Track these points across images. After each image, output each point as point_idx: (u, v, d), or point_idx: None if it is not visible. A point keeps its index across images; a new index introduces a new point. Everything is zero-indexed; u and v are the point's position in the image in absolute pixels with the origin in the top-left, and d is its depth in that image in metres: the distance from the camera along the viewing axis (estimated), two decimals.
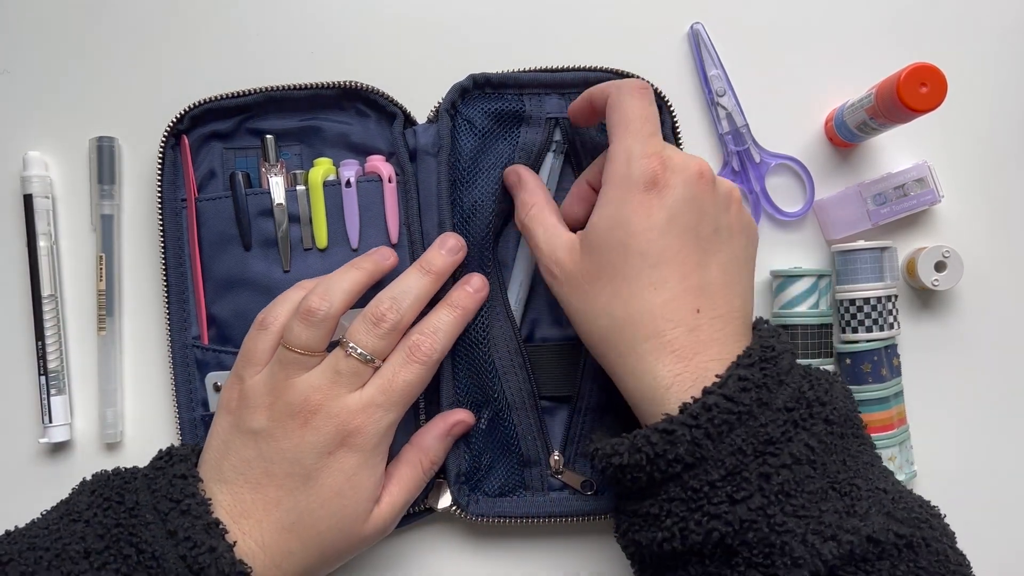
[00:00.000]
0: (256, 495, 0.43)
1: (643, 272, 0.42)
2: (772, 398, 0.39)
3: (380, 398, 0.45)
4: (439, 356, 0.48)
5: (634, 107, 0.44)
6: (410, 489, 0.48)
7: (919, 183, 0.54)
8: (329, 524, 0.44)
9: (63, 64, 0.56)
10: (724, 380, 0.39)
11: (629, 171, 0.42)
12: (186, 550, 0.40)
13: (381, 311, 0.46)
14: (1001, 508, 0.57)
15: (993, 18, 0.58)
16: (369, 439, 0.44)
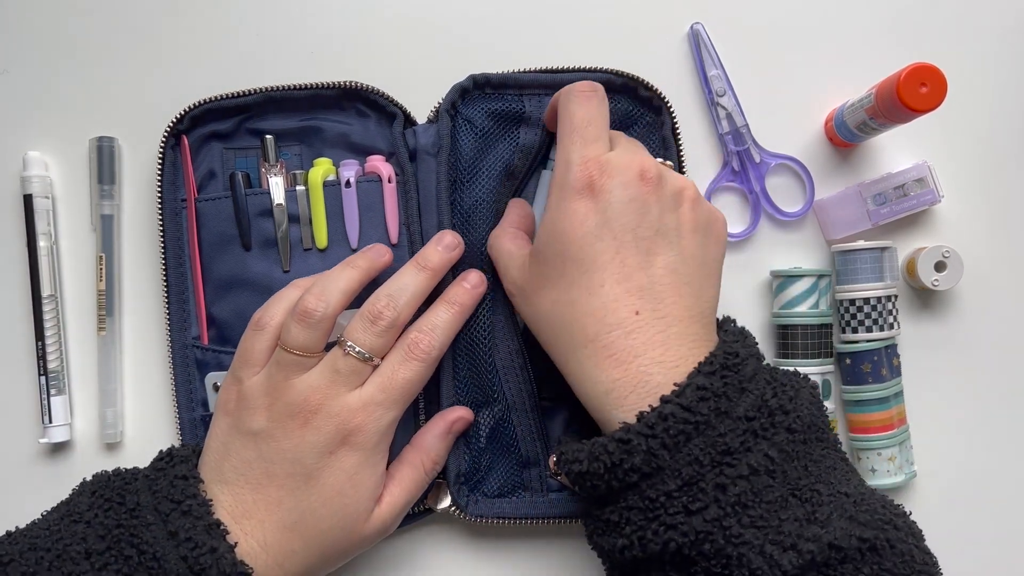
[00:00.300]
0: (257, 495, 0.43)
1: (579, 278, 0.42)
2: (732, 407, 0.38)
3: (380, 396, 0.45)
4: (438, 353, 0.47)
5: (577, 112, 0.44)
6: (411, 490, 0.48)
7: (919, 183, 0.54)
8: (331, 523, 0.44)
9: (63, 64, 0.56)
10: (682, 389, 0.39)
11: (566, 179, 0.43)
12: (187, 551, 0.40)
13: (378, 309, 0.46)
14: (1001, 508, 0.57)
15: (993, 18, 0.58)
16: (370, 437, 0.44)
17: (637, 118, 0.54)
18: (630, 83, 0.53)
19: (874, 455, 0.53)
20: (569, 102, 0.45)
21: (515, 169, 0.53)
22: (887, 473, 0.53)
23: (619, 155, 0.43)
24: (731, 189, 0.57)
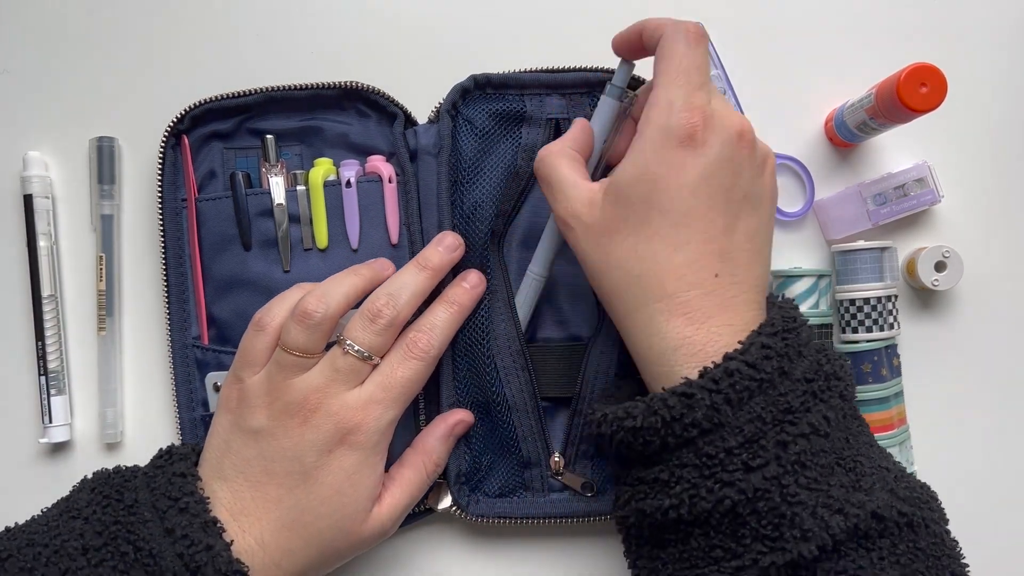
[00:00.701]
0: (256, 493, 0.43)
1: (665, 230, 0.40)
2: (792, 368, 0.39)
3: (379, 395, 0.45)
4: (437, 352, 0.47)
5: (687, 54, 0.42)
6: (412, 492, 0.48)
7: (919, 183, 0.54)
8: (329, 523, 0.44)
9: (63, 64, 0.56)
10: (746, 347, 0.39)
11: (667, 122, 0.41)
12: (183, 548, 0.40)
13: (377, 307, 0.46)
14: (1001, 508, 0.57)
15: (993, 18, 0.58)
16: (369, 437, 0.44)
17: None
18: (631, 83, 0.53)
19: None
20: (677, 41, 0.42)
21: (520, 170, 0.53)
22: None
23: (722, 109, 0.42)
24: None
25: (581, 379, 0.52)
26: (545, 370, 0.53)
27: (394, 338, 0.47)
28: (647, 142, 0.41)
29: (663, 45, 0.42)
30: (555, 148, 0.46)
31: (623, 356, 0.53)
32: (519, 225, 0.55)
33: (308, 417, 0.44)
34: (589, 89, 0.54)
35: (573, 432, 0.53)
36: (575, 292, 0.55)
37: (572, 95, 0.54)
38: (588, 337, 0.54)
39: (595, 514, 0.52)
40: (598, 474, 0.53)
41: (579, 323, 0.55)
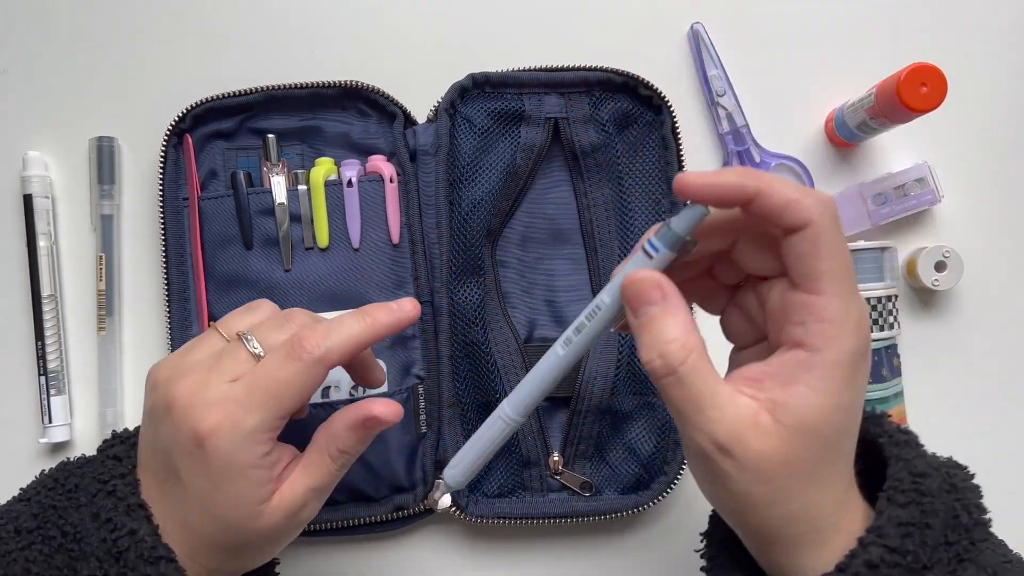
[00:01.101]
0: (154, 482, 0.41)
1: (841, 466, 0.35)
2: (929, 534, 0.35)
3: (242, 394, 0.38)
4: (324, 358, 0.39)
5: (846, 250, 0.34)
6: (315, 475, 0.42)
7: (919, 183, 0.54)
8: (214, 527, 0.39)
9: (63, 64, 0.56)
10: (881, 524, 0.34)
11: (856, 344, 0.34)
12: (107, 532, 0.38)
13: (296, 312, 0.42)
14: (1001, 508, 0.57)
15: (993, 18, 0.58)
16: (224, 444, 0.38)
17: (637, 117, 0.54)
18: (630, 82, 0.53)
19: None
20: (836, 232, 0.34)
21: (519, 169, 0.54)
22: None
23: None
24: None
25: (580, 379, 0.52)
26: None
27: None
28: (835, 368, 0.33)
29: (817, 235, 0.33)
30: (698, 344, 0.35)
31: (622, 356, 0.53)
32: (517, 224, 0.55)
33: (170, 409, 0.39)
34: (588, 88, 0.54)
35: (572, 432, 0.53)
36: (574, 292, 0.55)
37: (570, 94, 0.54)
38: None
39: (593, 514, 0.52)
40: (596, 474, 0.53)
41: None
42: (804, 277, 0.34)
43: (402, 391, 0.52)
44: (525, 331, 0.55)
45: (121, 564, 0.38)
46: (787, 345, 0.34)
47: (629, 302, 0.35)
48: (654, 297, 0.35)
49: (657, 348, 0.34)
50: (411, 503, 0.53)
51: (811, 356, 0.33)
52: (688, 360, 0.34)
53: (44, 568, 0.38)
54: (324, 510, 0.52)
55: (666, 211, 0.54)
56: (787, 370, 0.34)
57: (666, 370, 0.34)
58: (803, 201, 0.33)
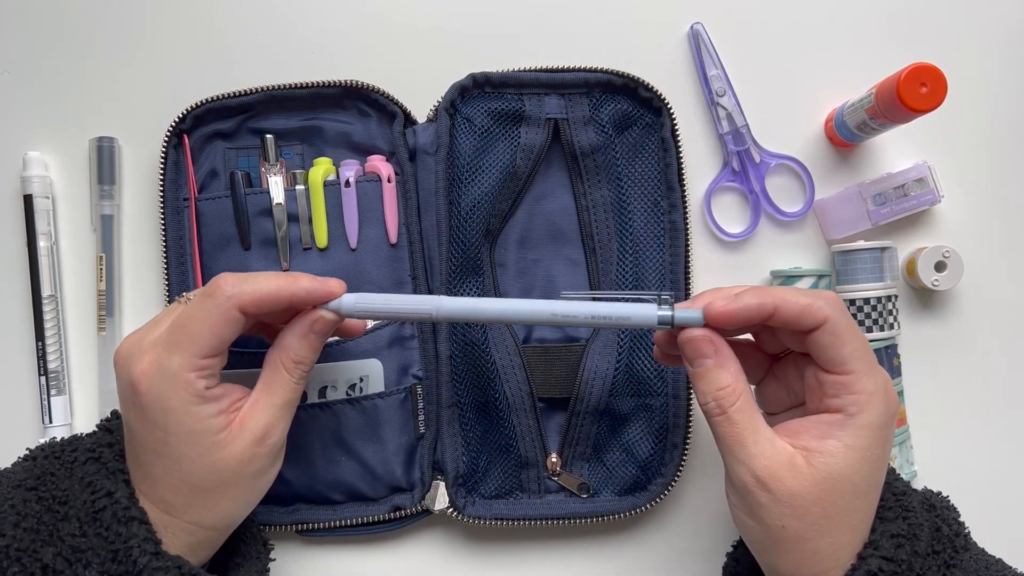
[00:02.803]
0: (127, 449, 0.42)
1: (865, 513, 0.41)
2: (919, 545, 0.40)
3: (165, 336, 0.40)
4: (235, 296, 0.40)
5: (860, 332, 0.41)
6: (276, 392, 0.43)
7: (919, 183, 0.54)
8: (178, 471, 0.40)
9: (63, 64, 0.56)
10: (877, 542, 0.40)
11: (887, 408, 0.40)
12: (88, 495, 0.40)
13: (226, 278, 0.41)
14: (1001, 508, 0.57)
15: (993, 18, 0.58)
16: (154, 386, 0.39)
17: (637, 119, 0.54)
18: (630, 83, 0.53)
19: None
20: (851, 323, 0.40)
21: (518, 170, 0.54)
22: None
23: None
24: (731, 189, 0.57)
25: (579, 380, 0.52)
26: (540, 371, 0.53)
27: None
28: (867, 428, 0.39)
29: (835, 328, 0.39)
30: (746, 390, 0.41)
31: (621, 358, 0.53)
32: (516, 224, 0.55)
33: (115, 367, 0.41)
34: (588, 89, 0.54)
35: (570, 433, 0.53)
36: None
37: (570, 95, 0.54)
38: (586, 338, 0.54)
39: (591, 515, 0.52)
40: (594, 475, 0.53)
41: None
42: (832, 363, 0.40)
43: (400, 391, 0.53)
44: (523, 332, 0.55)
45: (98, 524, 0.39)
46: (827, 412, 0.40)
47: (687, 355, 0.42)
48: (708, 351, 0.41)
49: (712, 393, 0.41)
50: (409, 504, 0.53)
51: (846, 419, 0.39)
52: (737, 403, 0.40)
53: (33, 523, 0.39)
54: (323, 510, 0.52)
55: (665, 212, 0.54)
56: (823, 427, 0.40)
57: (719, 410, 0.41)
58: (816, 303, 0.39)
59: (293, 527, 0.52)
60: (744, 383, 0.41)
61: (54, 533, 0.39)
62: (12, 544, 0.38)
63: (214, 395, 0.41)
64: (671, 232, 0.54)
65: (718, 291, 0.43)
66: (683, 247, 0.54)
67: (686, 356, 0.42)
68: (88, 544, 0.39)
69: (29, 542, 0.39)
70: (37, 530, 0.39)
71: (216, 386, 0.41)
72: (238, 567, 0.45)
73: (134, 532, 0.39)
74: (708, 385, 0.41)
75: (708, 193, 0.56)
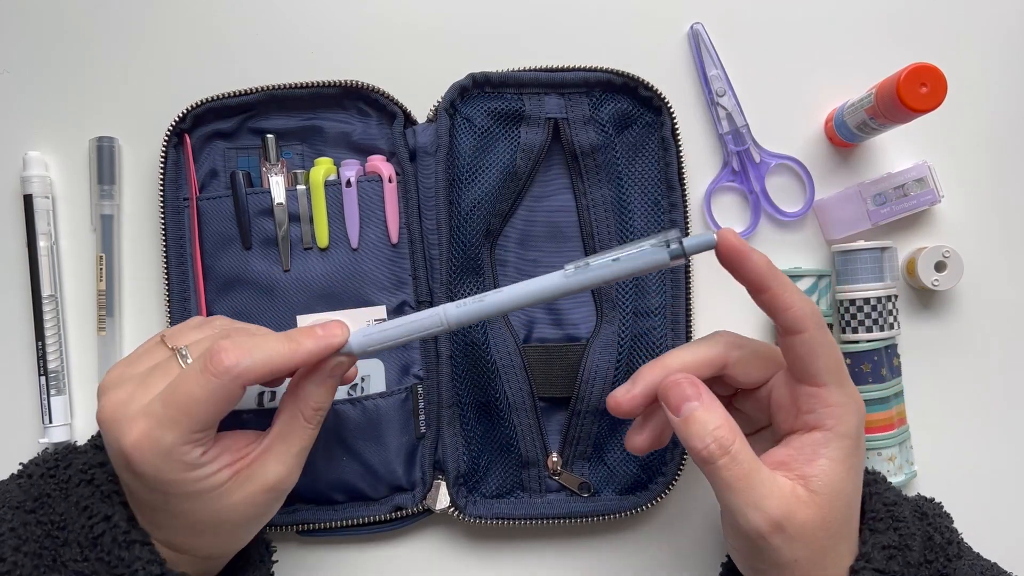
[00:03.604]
0: (125, 490, 0.41)
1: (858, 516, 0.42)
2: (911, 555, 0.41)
3: (159, 409, 0.38)
4: (241, 376, 0.38)
5: (835, 345, 0.41)
6: (294, 442, 0.42)
7: (919, 183, 0.54)
8: (181, 516, 0.40)
9: (63, 64, 0.56)
10: (868, 553, 0.40)
11: (859, 418, 0.41)
12: (85, 519, 0.39)
13: (226, 345, 0.39)
14: (1001, 508, 0.57)
15: (993, 18, 0.58)
16: (148, 460, 0.38)
17: (637, 118, 0.54)
18: (630, 83, 0.53)
19: (874, 455, 0.53)
20: (827, 335, 0.41)
21: (518, 169, 0.54)
22: (887, 473, 0.53)
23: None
24: (731, 189, 0.57)
25: (579, 379, 0.52)
26: (541, 370, 0.53)
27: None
28: (846, 439, 0.40)
29: (811, 340, 0.40)
30: (738, 435, 0.39)
31: (622, 356, 0.53)
32: (516, 224, 0.55)
33: (101, 424, 0.39)
34: (588, 89, 0.54)
35: (571, 432, 0.53)
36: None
37: (570, 95, 0.54)
38: (586, 338, 0.54)
39: (592, 514, 0.52)
40: (595, 474, 0.53)
41: (577, 323, 0.55)
42: (806, 374, 0.40)
43: (401, 391, 0.53)
44: (524, 331, 0.55)
45: (99, 550, 0.39)
46: (802, 430, 0.41)
47: (670, 402, 0.40)
48: (692, 393, 0.40)
49: (709, 434, 0.39)
50: (410, 503, 0.53)
51: (826, 434, 0.40)
52: (736, 441, 0.39)
53: (35, 548, 0.39)
54: (324, 510, 0.52)
55: (665, 212, 0.54)
56: (808, 450, 0.40)
57: (722, 451, 0.39)
58: (801, 309, 0.39)
59: (293, 527, 0.52)
60: (734, 422, 0.40)
61: (56, 559, 0.39)
62: (14, 570, 0.38)
63: (211, 457, 0.39)
64: None
65: (682, 351, 0.43)
66: None
67: (669, 405, 0.40)
68: (91, 569, 0.38)
69: (32, 568, 0.38)
70: (40, 555, 0.39)
71: (212, 447, 0.40)
72: (242, 571, 0.45)
73: (136, 555, 0.39)
74: (702, 427, 0.39)
75: (708, 193, 0.57)
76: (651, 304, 0.53)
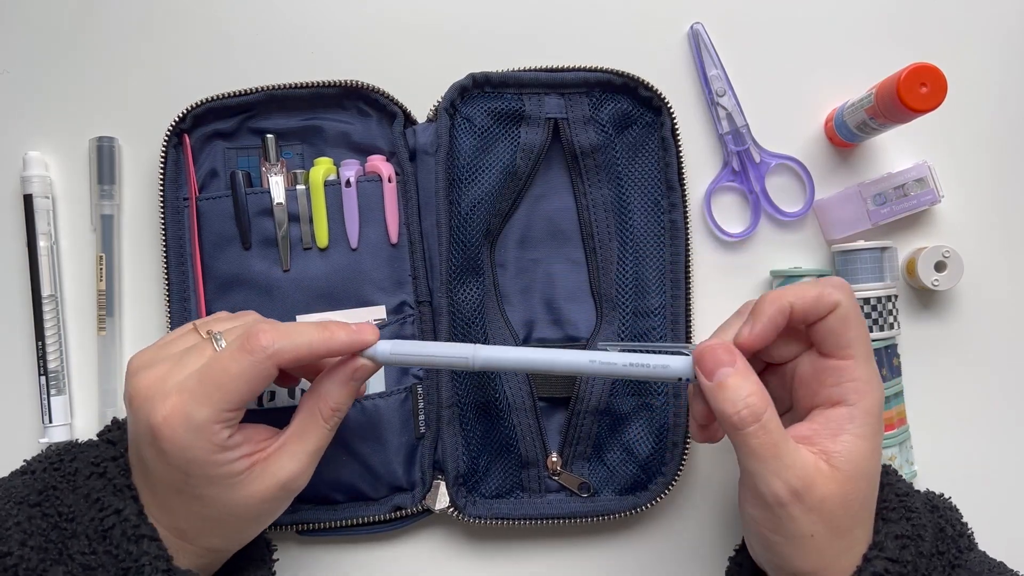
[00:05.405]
0: (136, 468, 0.42)
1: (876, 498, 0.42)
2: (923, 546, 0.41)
3: (194, 385, 0.39)
4: (276, 355, 0.40)
5: (864, 319, 0.42)
6: (311, 440, 0.43)
7: (919, 183, 0.54)
8: (195, 505, 0.40)
9: (63, 64, 0.56)
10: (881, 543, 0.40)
11: (882, 394, 0.41)
12: (96, 512, 0.39)
13: (265, 327, 0.41)
14: (1001, 507, 0.57)
15: (993, 18, 0.58)
16: (178, 435, 0.39)
17: (637, 118, 0.54)
18: (630, 83, 0.53)
19: None
20: (856, 309, 0.41)
21: (518, 169, 0.54)
22: None
23: None
24: (731, 189, 0.57)
25: (579, 379, 0.52)
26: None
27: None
28: (869, 415, 0.40)
29: (846, 312, 0.40)
30: (764, 393, 0.40)
31: None
32: (516, 224, 0.55)
33: (131, 402, 0.40)
34: (588, 89, 0.54)
35: (571, 432, 0.53)
36: (573, 293, 0.55)
37: (570, 95, 0.54)
38: (586, 338, 0.54)
39: (591, 514, 0.52)
40: (594, 475, 0.53)
41: (577, 323, 0.55)
42: (836, 347, 0.40)
43: (401, 391, 0.53)
44: (524, 332, 0.55)
45: (107, 542, 0.39)
46: (825, 405, 0.41)
47: (705, 368, 0.41)
48: (727, 359, 0.40)
49: (742, 400, 0.39)
50: (410, 503, 0.53)
51: (850, 409, 0.40)
52: (768, 410, 0.39)
53: (40, 541, 0.39)
54: (324, 510, 0.52)
55: (665, 212, 0.54)
56: (833, 425, 0.40)
57: (753, 418, 0.39)
58: (826, 290, 0.40)
59: (293, 527, 0.52)
60: (767, 392, 0.40)
61: (63, 551, 0.39)
62: (20, 564, 0.38)
63: (235, 442, 0.40)
64: (671, 231, 0.54)
65: (726, 328, 0.43)
66: (683, 246, 0.54)
67: (704, 370, 0.41)
68: (98, 562, 0.39)
69: (38, 561, 0.38)
70: (45, 548, 0.39)
71: (237, 432, 0.41)
72: (243, 569, 0.45)
73: (145, 550, 0.39)
74: (736, 393, 0.39)
75: (708, 193, 0.57)
76: (651, 304, 0.53)
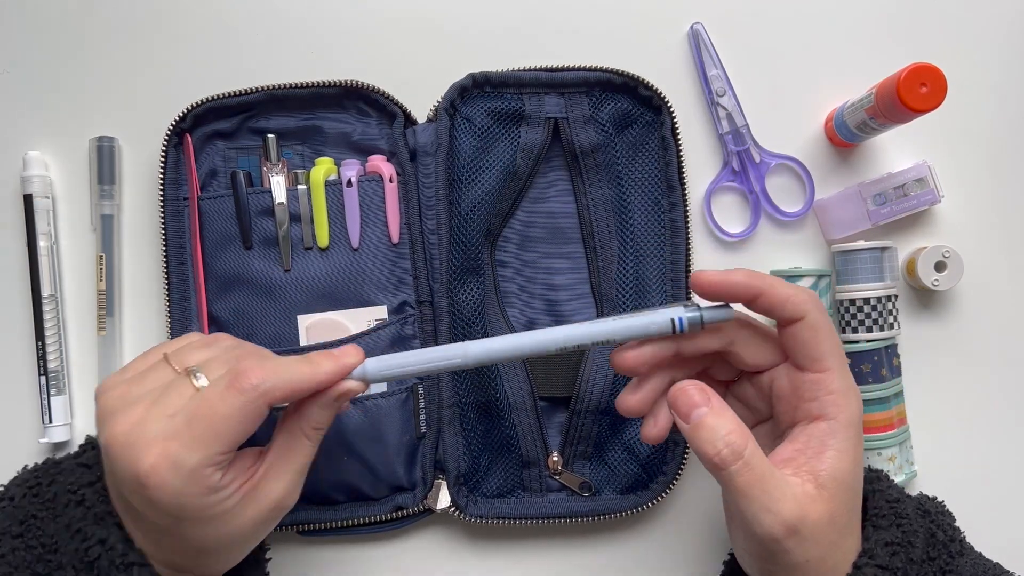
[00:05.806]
0: (117, 501, 0.40)
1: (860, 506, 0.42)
2: (913, 552, 0.41)
3: (182, 428, 0.37)
4: (268, 393, 0.38)
5: (835, 331, 0.42)
6: (295, 459, 0.42)
7: (919, 183, 0.54)
8: (188, 538, 0.39)
9: (63, 64, 0.56)
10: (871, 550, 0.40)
11: (859, 404, 0.41)
12: (79, 543, 0.38)
13: (251, 365, 0.39)
14: (1001, 508, 0.57)
15: (993, 18, 0.58)
16: (167, 484, 0.36)
17: (637, 118, 0.54)
18: (630, 83, 0.53)
19: (874, 455, 0.53)
20: (829, 323, 0.41)
21: (519, 169, 0.54)
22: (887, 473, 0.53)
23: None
24: (731, 189, 0.57)
25: (579, 379, 0.52)
26: (541, 370, 0.53)
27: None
28: (849, 428, 0.40)
29: (815, 323, 0.40)
30: (751, 441, 0.39)
31: None
32: (516, 224, 0.55)
33: (109, 448, 0.37)
34: (587, 88, 0.54)
35: (571, 432, 0.53)
36: (574, 292, 0.55)
37: (570, 94, 0.54)
38: None
39: (592, 514, 0.52)
40: (595, 474, 0.53)
41: (577, 323, 0.55)
42: (811, 360, 0.40)
43: (401, 391, 0.53)
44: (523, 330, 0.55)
45: (95, 573, 0.38)
46: (805, 420, 0.41)
47: (679, 409, 0.40)
48: (701, 400, 0.40)
49: (722, 439, 0.38)
50: (411, 503, 0.53)
51: (831, 424, 0.40)
52: (749, 445, 0.38)
53: (27, 574, 0.38)
54: (324, 510, 0.52)
55: (665, 212, 0.54)
56: (815, 442, 0.40)
57: (734, 456, 0.38)
58: (799, 296, 0.40)
59: (293, 527, 0.52)
60: (745, 427, 0.39)
61: None
62: None
63: (227, 481, 0.39)
64: (671, 231, 0.54)
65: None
66: (683, 246, 0.54)
67: (679, 412, 0.40)
68: None
69: None
70: None
71: (228, 470, 0.39)
72: (237, 572, 0.45)
73: None
74: (714, 433, 0.39)
75: (708, 193, 0.57)
76: (651, 303, 0.53)
